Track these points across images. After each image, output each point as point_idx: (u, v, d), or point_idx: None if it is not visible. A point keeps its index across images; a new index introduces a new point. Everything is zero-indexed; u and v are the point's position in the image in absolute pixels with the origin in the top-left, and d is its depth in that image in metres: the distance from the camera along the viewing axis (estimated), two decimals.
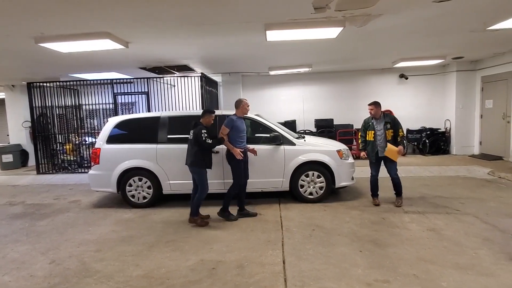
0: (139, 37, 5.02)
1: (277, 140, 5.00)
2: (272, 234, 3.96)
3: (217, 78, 9.51)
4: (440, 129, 9.41)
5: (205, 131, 4.19)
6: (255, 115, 5.33)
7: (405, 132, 9.53)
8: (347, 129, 9.22)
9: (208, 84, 8.48)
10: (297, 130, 9.44)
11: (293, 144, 5.08)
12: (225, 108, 9.26)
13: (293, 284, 2.80)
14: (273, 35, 4.80)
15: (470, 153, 9.06)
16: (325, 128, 9.07)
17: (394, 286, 2.71)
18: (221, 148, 4.64)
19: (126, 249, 3.71)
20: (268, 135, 5.05)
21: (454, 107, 9.15)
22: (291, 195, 5.30)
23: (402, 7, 4.05)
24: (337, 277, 2.89)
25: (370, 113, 4.88)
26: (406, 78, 9.67)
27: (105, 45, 4.96)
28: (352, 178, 5.31)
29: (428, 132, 9.21)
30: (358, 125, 9.64)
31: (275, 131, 5.09)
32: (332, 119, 9.46)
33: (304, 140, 5.26)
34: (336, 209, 4.84)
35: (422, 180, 6.65)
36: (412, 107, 9.73)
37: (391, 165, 4.83)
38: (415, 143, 9.40)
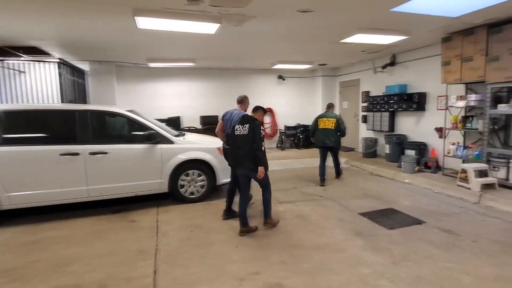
0: None
1: (153, 138, 4.63)
2: (146, 242, 3.63)
3: (84, 66, 8.17)
4: (311, 125, 10.84)
5: (262, 128, 3.74)
6: (128, 111, 4.79)
7: (283, 128, 10.64)
8: None
9: (70, 73, 7.17)
10: (181, 127, 9.14)
11: (172, 142, 4.81)
12: (95, 102, 8.08)
13: None
14: (144, 23, 4.39)
15: None
16: (211, 125, 9.08)
17: (264, 276, 2.87)
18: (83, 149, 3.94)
19: None
20: (143, 133, 4.62)
21: (320, 106, 10.69)
22: (172, 196, 5.03)
23: (272, 12, 4.35)
24: (212, 278, 2.85)
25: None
26: (284, 79, 10.71)
27: None
28: None
29: (302, 128, 10.48)
30: None
31: (151, 128, 4.70)
32: (217, 116, 9.55)
33: (184, 138, 5.06)
34: (218, 206, 4.86)
35: (296, 171, 7.48)
36: (289, 105, 10.87)
37: None
38: (292, 138, 10.54)
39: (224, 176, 5.16)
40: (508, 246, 3.40)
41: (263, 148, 3.67)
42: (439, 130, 6.54)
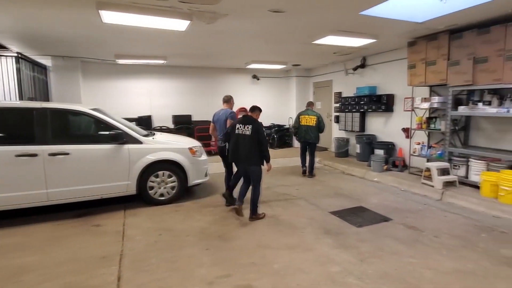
0: None
1: (119, 138, 4.43)
2: (110, 247, 3.46)
3: (46, 61, 7.68)
4: (285, 125, 10.95)
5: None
6: (92, 109, 4.55)
7: None
8: (206, 126, 9.34)
9: (30, 68, 6.71)
10: (153, 127, 8.87)
11: (140, 142, 4.63)
12: (58, 100, 7.64)
13: None
14: (109, 17, 4.18)
15: None
16: (183, 125, 8.89)
17: (234, 279, 2.83)
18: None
19: None
20: (108, 133, 4.41)
21: (295, 107, 10.83)
22: (141, 198, 4.85)
23: (244, 11, 4.31)
24: (179, 283, 2.76)
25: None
26: (258, 79, 10.72)
27: None
28: (206, 175, 5.36)
29: (276, 128, 10.54)
30: None
31: (117, 128, 4.50)
32: (191, 115, 9.39)
33: (153, 138, 4.89)
34: (189, 208, 4.75)
35: (270, 171, 7.48)
36: (263, 105, 10.70)
37: None
38: (267, 138, 10.57)
39: (195, 176, 5.06)
40: (466, 240, 3.60)
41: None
42: (406, 131, 6.83)
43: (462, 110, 5.32)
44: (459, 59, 5.22)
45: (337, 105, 9.32)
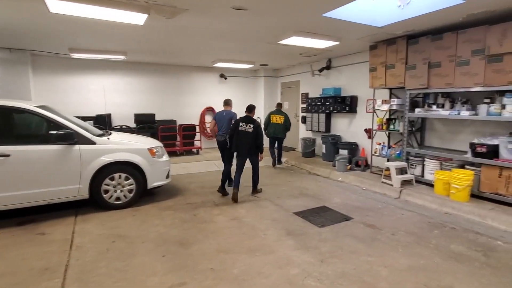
0: None
1: (69, 138, 4.10)
2: (55, 257, 3.17)
3: None
4: None
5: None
6: (38, 106, 4.17)
7: None
8: (170, 125, 9.07)
9: None
10: (112, 126, 8.42)
11: (93, 143, 4.33)
12: (3, 96, 6.97)
13: None
14: (56, 6, 3.85)
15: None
16: (146, 124, 8.52)
17: (190, 287, 2.70)
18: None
19: None
20: (56, 133, 4.06)
21: (263, 107, 10.84)
22: (94, 203, 4.54)
23: (206, 6, 4.16)
24: None
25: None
26: (225, 78, 10.58)
27: None
28: (167, 177, 5.15)
29: None
30: (181, 120, 9.76)
31: (66, 127, 4.16)
32: (154, 114, 9.02)
33: (109, 138, 4.60)
34: (147, 212, 4.53)
35: None
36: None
37: None
38: None
39: (155, 179, 4.84)
40: (421, 237, 3.76)
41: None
42: (368, 131, 7.07)
43: (418, 112, 5.59)
44: (415, 63, 5.49)
45: (304, 105, 9.45)
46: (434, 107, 5.42)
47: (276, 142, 7.99)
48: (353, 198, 5.33)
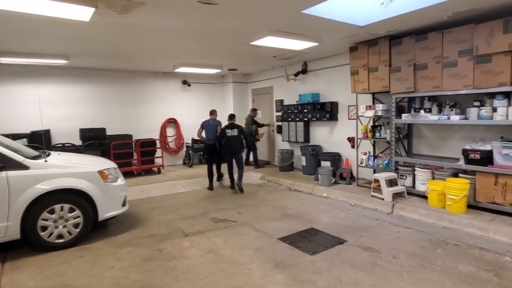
0: None
1: None
2: None
3: None
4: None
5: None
6: None
7: (190, 142, 10.07)
8: (125, 141, 8.46)
9: None
10: (53, 144, 7.65)
11: (26, 167, 3.75)
12: None
13: None
14: None
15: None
16: (94, 140, 7.85)
17: None
18: None
19: None
20: None
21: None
22: (29, 243, 3.92)
23: (167, 0, 3.88)
24: None
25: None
26: (189, 85, 10.21)
27: None
28: (124, 204, 4.64)
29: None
30: (138, 135, 9.19)
31: None
32: (105, 129, 8.36)
33: (46, 161, 4.03)
34: (99, 251, 3.99)
35: (206, 192, 7.02)
36: (196, 115, 10.19)
37: None
38: (201, 153, 9.99)
39: (109, 208, 4.32)
40: (424, 258, 3.64)
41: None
42: (351, 140, 7.06)
43: (406, 117, 5.64)
44: (400, 65, 5.56)
45: (279, 114, 9.33)
46: (422, 112, 5.51)
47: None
48: (343, 217, 5.17)
